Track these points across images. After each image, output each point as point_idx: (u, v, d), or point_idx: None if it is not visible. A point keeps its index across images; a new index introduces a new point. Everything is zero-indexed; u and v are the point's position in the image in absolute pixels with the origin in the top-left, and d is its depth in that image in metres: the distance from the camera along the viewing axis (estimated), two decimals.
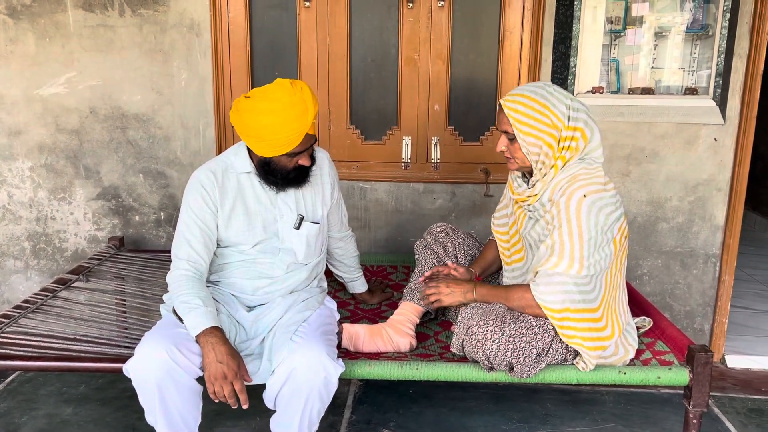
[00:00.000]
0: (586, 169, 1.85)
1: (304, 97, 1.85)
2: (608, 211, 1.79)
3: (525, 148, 1.84)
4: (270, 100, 1.83)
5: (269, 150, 1.87)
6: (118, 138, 2.96)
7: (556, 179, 1.85)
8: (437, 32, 2.87)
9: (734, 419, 2.52)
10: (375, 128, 3.01)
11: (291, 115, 1.82)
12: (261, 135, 1.84)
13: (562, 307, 1.77)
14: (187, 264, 1.90)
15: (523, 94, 1.84)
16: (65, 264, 3.08)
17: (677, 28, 2.86)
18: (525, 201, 1.93)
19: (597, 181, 1.82)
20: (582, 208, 1.76)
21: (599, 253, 1.78)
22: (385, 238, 3.05)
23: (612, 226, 1.81)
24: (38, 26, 2.85)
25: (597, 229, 1.77)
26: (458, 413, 2.51)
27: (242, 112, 1.85)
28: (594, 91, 2.86)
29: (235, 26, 2.89)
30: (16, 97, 2.92)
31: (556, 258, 1.78)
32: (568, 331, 1.79)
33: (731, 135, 2.83)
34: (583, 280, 1.77)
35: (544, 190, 1.87)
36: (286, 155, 1.90)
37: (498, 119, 1.91)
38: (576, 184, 1.81)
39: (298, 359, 1.74)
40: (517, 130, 1.83)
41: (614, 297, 1.90)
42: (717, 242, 2.95)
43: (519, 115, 1.82)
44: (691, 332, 3.04)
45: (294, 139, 1.85)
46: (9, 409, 2.50)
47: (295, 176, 1.97)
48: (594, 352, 1.82)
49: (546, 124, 1.81)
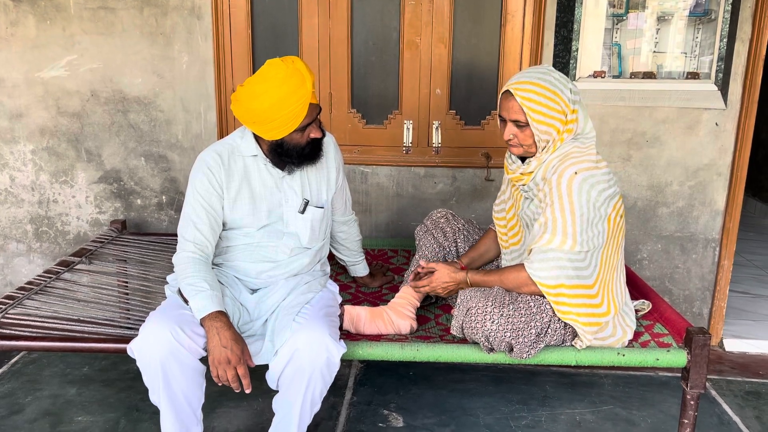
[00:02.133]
0: (578, 148, 1.87)
1: (298, 67, 1.84)
2: (601, 188, 1.81)
3: (537, 136, 1.85)
4: (265, 79, 1.82)
5: (279, 130, 1.86)
6: (120, 121, 2.96)
7: (550, 157, 1.87)
8: (439, 16, 2.86)
9: (731, 402, 2.54)
10: (376, 112, 3.01)
11: (289, 88, 1.81)
12: (266, 117, 1.83)
13: (556, 282, 1.79)
14: (194, 246, 1.91)
15: (532, 82, 1.82)
16: (67, 247, 3.10)
17: (680, 13, 2.85)
18: (519, 180, 1.95)
19: (588, 158, 1.85)
20: (573, 184, 1.78)
21: (592, 229, 1.79)
22: (386, 222, 3.06)
23: (606, 203, 1.82)
24: (39, 9, 2.84)
25: (589, 206, 1.78)
26: (458, 395, 2.54)
27: (242, 100, 1.85)
28: (596, 76, 2.85)
29: (237, 9, 2.88)
30: (17, 80, 2.92)
31: (549, 234, 1.80)
32: (563, 306, 1.81)
33: (732, 120, 2.83)
34: (577, 256, 1.79)
35: (539, 168, 1.89)
36: (297, 131, 1.88)
37: (505, 107, 1.87)
38: (568, 161, 1.83)
39: (301, 340, 1.76)
40: (531, 118, 1.82)
41: (611, 276, 1.92)
42: (717, 227, 2.96)
43: (532, 103, 1.81)
44: (690, 316, 3.06)
45: (299, 112, 1.84)
46: (13, 389, 2.52)
47: (309, 151, 1.95)
48: (589, 329, 1.84)
49: (556, 111, 1.82)
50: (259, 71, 1.86)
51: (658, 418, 2.41)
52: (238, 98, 1.85)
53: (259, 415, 2.36)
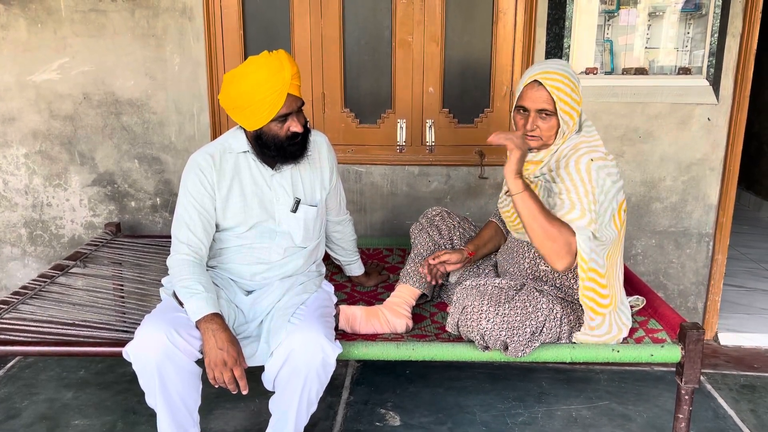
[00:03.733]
0: (585, 137, 1.93)
1: (279, 57, 1.86)
2: (613, 179, 1.85)
3: (564, 125, 1.89)
4: (245, 66, 1.86)
5: (256, 117, 1.86)
6: (113, 124, 2.95)
7: (561, 147, 1.92)
8: (431, 14, 2.86)
9: (726, 395, 2.56)
10: (369, 111, 3.01)
11: (265, 74, 1.82)
12: (243, 102, 1.84)
13: (589, 257, 1.78)
14: (187, 248, 1.91)
15: (558, 72, 1.88)
16: (62, 250, 3.09)
17: (672, 8, 2.85)
18: (525, 169, 1.96)
19: (599, 149, 1.89)
20: (591, 169, 1.81)
21: (604, 218, 1.81)
22: (381, 221, 3.06)
23: (616, 196, 1.85)
24: (30, 12, 2.83)
25: (604, 192, 1.81)
26: (454, 393, 2.54)
27: (223, 88, 1.89)
28: (588, 72, 2.86)
29: (228, 10, 2.88)
30: (9, 84, 2.91)
31: (568, 206, 1.80)
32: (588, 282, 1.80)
33: (725, 114, 2.84)
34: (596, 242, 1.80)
35: (550, 157, 1.92)
36: (275, 121, 1.88)
37: (531, 97, 1.88)
38: (581, 150, 1.87)
39: (296, 341, 1.76)
40: (560, 108, 1.87)
41: (613, 271, 1.94)
42: (710, 221, 2.97)
43: (561, 93, 1.86)
44: (684, 311, 3.07)
45: (275, 99, 1.84)
46: (10, 394, 2.52)
47: (290, 147, 1.93)
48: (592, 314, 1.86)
49: (576, 101, 1.89)
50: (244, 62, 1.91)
51: (653, 413, 2.43)
52: (222, 87, 1.89)
53: (256, 416, 2.36)
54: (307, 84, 2.93)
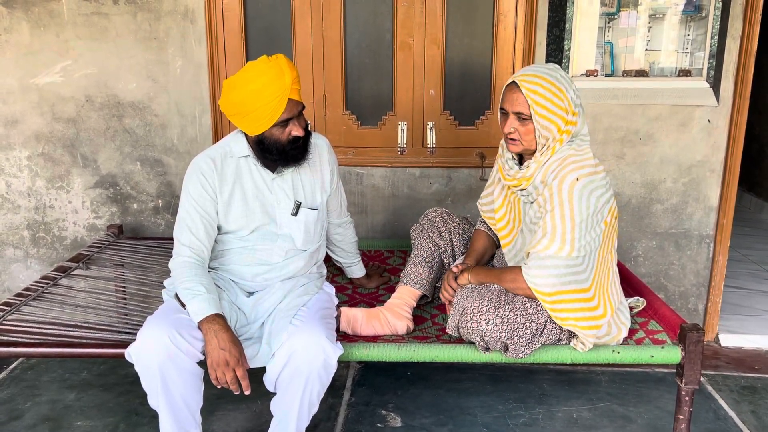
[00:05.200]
0: (576, 150, 1.87)
1: (279, 62, 1.87)
2: (599, 193, 1.82)
3: (538, 131, 1.84)
4: (245, 71, 1.87)
5: (258, 123, 1.87)
6: (115, 126, 2.97)
7: (549, 161, 1.87)
8: (431, 16, 2.87)
9: (727, 397, 2.56)
10: (370, 114, 3.02)
11: (266, 80, 1.83)
12: (244, 108, 1.85)
13: (553, 290, 1.80)
14: (190, 251, 1.92)
15: (539, 76, 1.82)
16: (64, 252, 3.10)
17: (672, 10, 2.86)
18: (518, 186, 1.94)
19: (588, 163, 1.85)
20: (574, 191, 1.78)
21: (590, 234, 1.80)
22: (382, 223, 3.07)
23: (602, 208, 1.83)
24: (32, 15, 2.84)
25: (588, 212, 1.79)
26: (455, 394, 2.55)
27: (224, 94, 1.89)
28: (588, 74, 2.87)
29: (230, 13, 2.89)
30: (12, 87, 2.92)
31: (547, 240, 1.80)
32: (561, 313, 1.82)
33: (725, 116, 2.84)
34: (574, 261, 1.79)
35: (538, 172, 1.88)
36: (276, 126, 1.89)
37: (509, 99, 1.86)
38: (568, 167, 1.83)
39: (297, 342, 1.77)
40: (534, 111, 1.81)
41: (606, 277, 1.93)
42: (711, 223, 2.97)
43: (537, 96, 1.80)
44: (685, 312, 3.07)
45: (277, 105, 1.85)
46: (12, 395, 2.53)
47: (291, 150, 1.94)
48: (589, 332, 1.85)
49: (560, 108, 1.82)
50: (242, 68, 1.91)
51: (654, 414, 2.43)
52: (223, 93, 1.90)
53: (258, 417, 2.37)
54: (308, 86, 2.94)
